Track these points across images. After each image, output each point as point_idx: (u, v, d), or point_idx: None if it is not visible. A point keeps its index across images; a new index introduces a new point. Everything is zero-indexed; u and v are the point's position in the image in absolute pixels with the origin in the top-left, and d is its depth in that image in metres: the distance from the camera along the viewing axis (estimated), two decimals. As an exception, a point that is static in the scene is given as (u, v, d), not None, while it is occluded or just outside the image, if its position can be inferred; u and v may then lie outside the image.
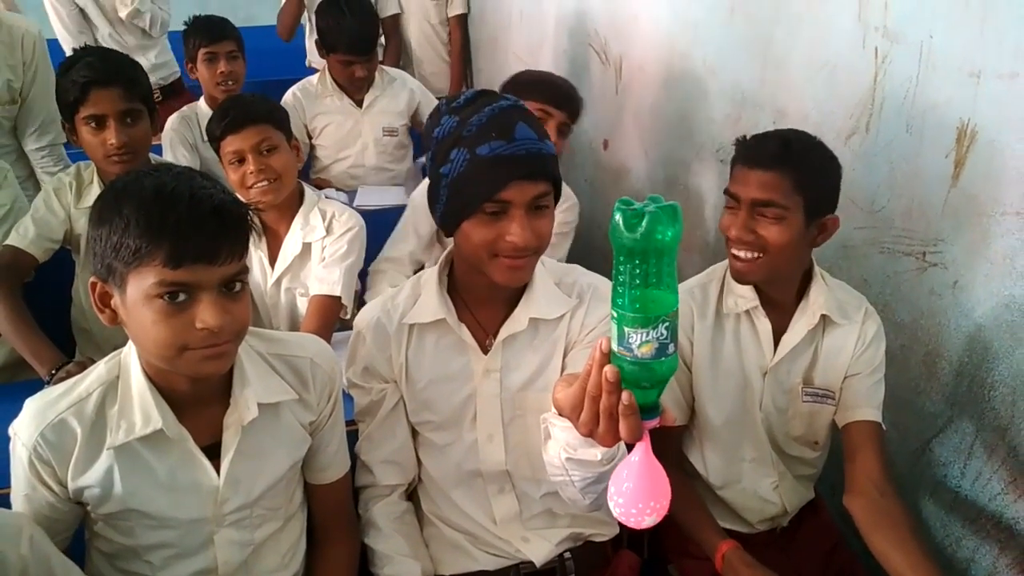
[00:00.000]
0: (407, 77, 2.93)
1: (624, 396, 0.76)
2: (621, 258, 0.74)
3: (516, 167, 1.08)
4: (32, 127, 2.29)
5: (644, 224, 0.71)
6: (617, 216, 0.73)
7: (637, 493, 0.78)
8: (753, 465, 1.47)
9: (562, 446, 0.96)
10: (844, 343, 1.40)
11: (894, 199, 1.51)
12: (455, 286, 1.27)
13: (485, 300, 1.25)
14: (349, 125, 2.75)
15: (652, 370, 0.75)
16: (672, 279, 0.74)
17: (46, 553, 1.02)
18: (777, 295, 1.41)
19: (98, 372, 1.09)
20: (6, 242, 1.80)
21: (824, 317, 1.39)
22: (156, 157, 2.00)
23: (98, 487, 1.06)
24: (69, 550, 1.11)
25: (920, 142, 1.43)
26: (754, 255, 1.32)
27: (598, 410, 0.79)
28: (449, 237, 1.19)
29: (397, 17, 3.59)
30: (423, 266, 2.06)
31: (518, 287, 1.22)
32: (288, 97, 2.70)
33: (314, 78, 2.77)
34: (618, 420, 0.78)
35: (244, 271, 1.01)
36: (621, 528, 1.39)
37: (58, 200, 1.85)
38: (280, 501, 1.21)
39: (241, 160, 1.75)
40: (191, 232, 0.94)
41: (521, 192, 1.09)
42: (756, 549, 1.35)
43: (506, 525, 1.32)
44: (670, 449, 1.47)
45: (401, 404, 1.30)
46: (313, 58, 3.65)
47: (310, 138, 2.77)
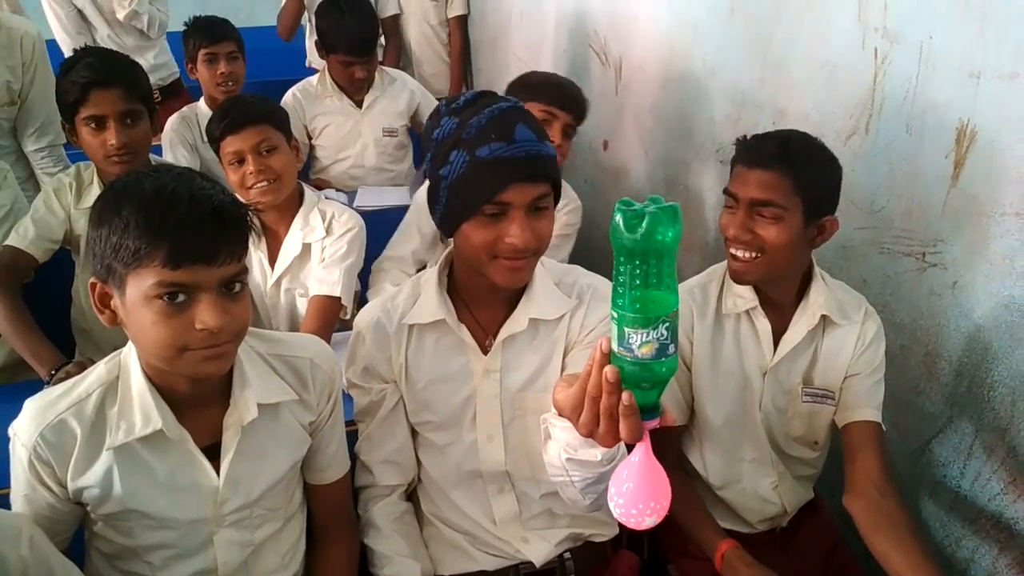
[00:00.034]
0: (407, 78, 2.93)
1: (624, 396, 0.76)
2: (621, 259, 0.74)
3: (516, 169, 1.08)
4: (31, 128, 2.29)
5: (644, 225, 0.71)
6: (617, 217, 0.73)
7: (637, 493, 0.78)
8: (753, 465, 1.47)
9: (562, 446, 0.96)
10: (844, 343, 1.40)
11: (894, 199, 1.51)
12: (455, 286, 1.27)
13: (485, 300, 1.25)
14: (349, 126, 2.75)
15: (652, 370, 0.75)
16: (672, 279, 0.74)
17: (46, 554, 1.01)
18: (776, 295, 1.41)
19: (98, 373, 1.09)
20: (6, 242, 1.80)
21: (824, 317, 1.39)
22: (156, 158, 2.00)
23: (98, 487, 1.06)
24: (69, 551, 1.11)
25: (920, 142, 1.43)
26: (752, 255, 1.32)
27: (598, 411, 0.79)
28: (448, 238, 1.19)
29: (397, 17, 3.60)
30: (426, 265, 2.06)
31: (518, 287, 1.22)
32: (288, 98, 2.70)
33: (314, 79, 2.77)
34: (618, 420, 0.78)
35: (244, 272, 1.01)
36: (621, 528, 1.39)
37: (58, 200, 1.85)
38: (280, 501, 1.21)
39: (241, 161, 1.75)
40: (190, 233, 0.94)
41: (521, 194, 1.09)
42: (756, 549, 1.35)
43: (506, 525, 1.32)
44: (670, 449, 1.47)
45: (401, 404, 1.30)
46: (313, 59, 3.66)
47: (310, 139, 2.77)
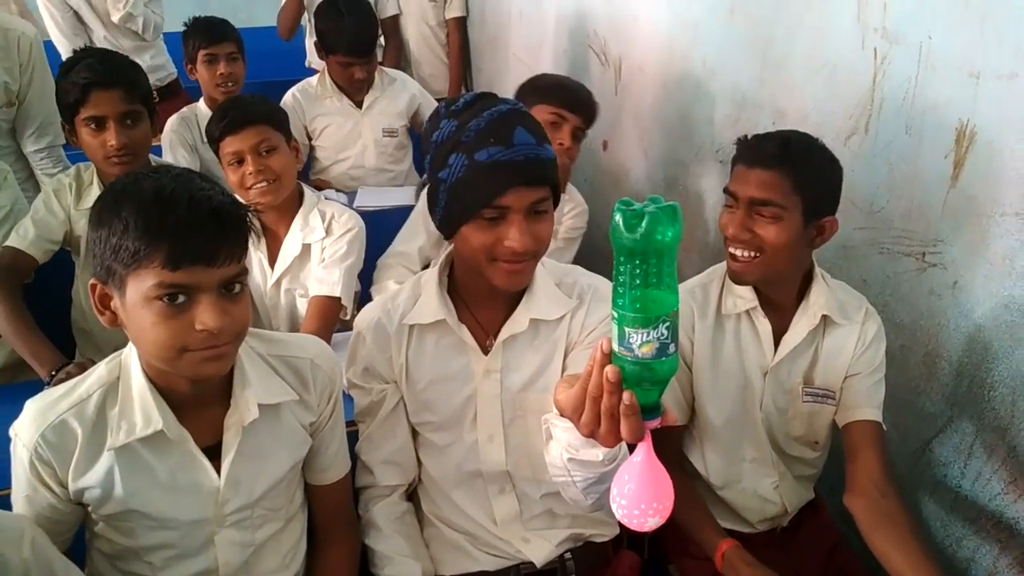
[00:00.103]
0: (407, 79, 2.93)
1: (625, 396, 0.76)
2: (621, 258, 0.74)
3: (514, 173, 1.08)
4: (30, 129, 2.29)
5: (644, 224, 0.72)
6: (617, 217, 0.73)
7: (639, 494, 0.78)
8: (753, 465, 1.48)
9: (564, 447, 0.96)
10: (844, 343, 1.40)
11: (893, 200, 1.51)
12: (455, 287, 1.27)
13: (485, 301, 1.25)
14: (349, 126, 2.75)
15: (653, 370, 0.75)
16: (672, 279, 0.74)
17: (48, 556, 1.01)
18: (776, 296, 1.41)
19: (98, 373, 1.09)
20: (6, 243, 1.80)
21: (825, 317, 1.39)
22: (156, 158, 2.00)
23: (99, 488, 1.07)
24: (70, 551, 1.11)
25: (919, 143, 1.44)
26: (751, 254, 1.32)
27: (599, 411, 0.79)
28: (448, 240, 1.20)
29: (396, 18, 3.60)
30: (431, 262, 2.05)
31: (518, 290, 1.22)
32: (288, 98, 2.70)
33: (314, 79, 2.77)
34: (619, 420, 0.78)
35: (243, 272, 1.02)
36: (621, 528, 1.39)
37: (58, 201, 1.85)
38: (281, 502, 1.21)
39: (240, 161, 1.75)
40: (190, 234, 0.94)
41: (519, 198, 1.09)
42: (756, 549, 1.35)
43: (506, 526, 1.32)
44: (671, 449, 1.47)
45: (401, 405, 1.30)
46: (313, 59, 3.66)
47: (310, 139, 2.77)
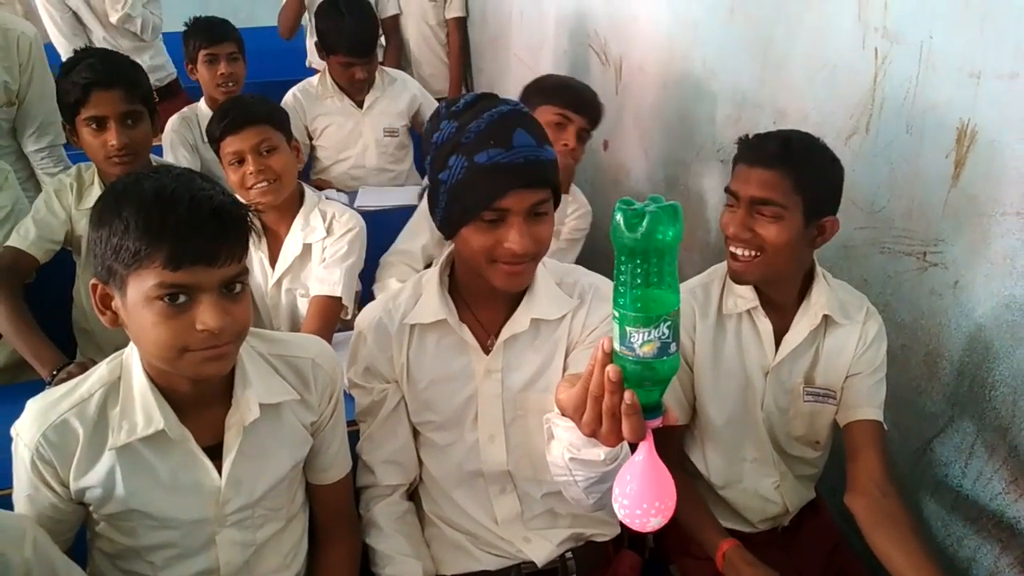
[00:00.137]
0: (408, 79, 2.93)
1: (627, 396, 0.76)
2: (622, 258, 0.74)
3: (514, 176, 1.08)
4: (31, 129, 2.29)
5: (645, 224, 0.72)
6: (618, 216, 0.73)
7: (641, 493, 0.78)
8: (754, 465, 1.47)
9: (565, 446, 0.96)
10: (845, 343, 1.40)
11: (894, 199, 1.51)
12: (456, 286, 1.27)
13: (486, 300, 1.25)
14: (350, 126, 2.75)
15: (654, 369, 0.75)
16: (673, 278, 0.74)
17: (50, 556, 1.01)
18: (777, 296, 1.41)
19: (100, 373, 1.09)
20: (7, 243, 1.80)
21: (826, 317, 1.39)
22: (157, 158, 2.00)
23: (100, 488, 1.07)
24: (71, 550, 1.11)
25: (920, 142, 1.43)
26: (751, 254, 1.32)
27: (601, 410, 0.79)
28: (448, 240, 1.20)
29: (397, 18, 3.60)
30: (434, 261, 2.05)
31: (518, 291, 1.22)
32: (288, 98, 2.70)
33: (314, 79, 2.77)
34: (621, 420, 0.78)
35: (244, 272, 1.02)
36: (622, 528, 1.39)
37: (59, 201, 1.85)
38: (282, 502, 1.21)
39: (241, 161, 1.75)
40: (190, 234, 0.94)
41: (519, 200, 1.09)
42: (757, 548, 1.35)
43: (508, 525, 1.32)
44: (672, 449, 1.47)
45: (402, 404, 1.30)
46: (313, 59, 3.66)
47: (311, 139, 2.77)
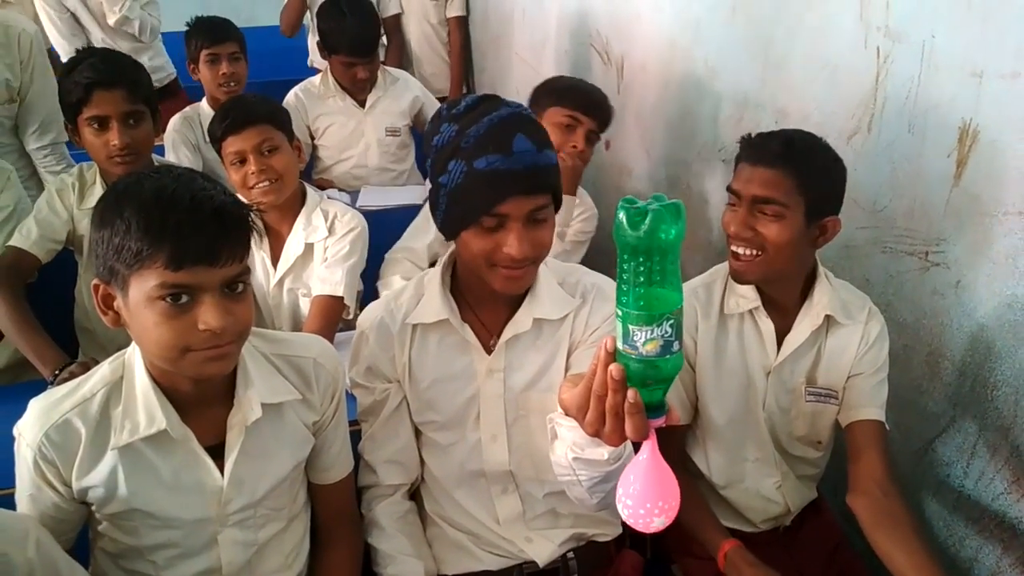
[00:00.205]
0: (409, 78, 2.93)
1: (630, 394, 0.76)
2: (625, 256, 0.74)
3: (513, 183, 1.08)
4: (33, 126, 2.29)
5: (647, 222, 0.72)
6: (621, 214, 0.73)
7: (645, 493, 0.78)
8: (756, 465, 1.47)
9: (569, 446, 0.96)
10: (848, 343, 1.40)
11: (896, 199, 1.51)
12: (458, 286, 1.27)
13: (488, 300, 1.25)
14: (352, 126, 2.75)
15: (657, 368, 0.75)
16: (676, 277, 0.74)
17: (53, 556, 1.01)
18: (779, 295, 1.41)
19: (102, 373, 1.10)
20: (9, 243, 1.80)
21: (828, 317, 1.38)
22: (159, 158, 2.00)
23: (102, 487, 1.07)
24: (73, 550, 1.11)
25: (922, 142, 1.43)
26: (753, 252, 1.32)
27: (604, 409, 0.79)
28: (449, 241, 1.20)
29: (398, 17, 3.60)
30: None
31: (517, 294, 1.22)
32: (290, 98, 2.70)
33: (316, 79, 2.77)
34: (624, 419, 0.77)
35: (246, 272, 1.02)
36: (624, 528, 1.39)
37: (61, 201, 1.85)
38: (284, 501, 1.21)
39: (242, 161, 1.76)
40: (192, 234, 0.94)
41: (518, 206, 1.09)
42: (759, 548, 1.35)
43: (509, 525, 1.32)
44: (673, 448, 1.47)
45: (404, 404, 1.30)
46: (315, 58, 3.66)
47: (312, 139, 2.77)
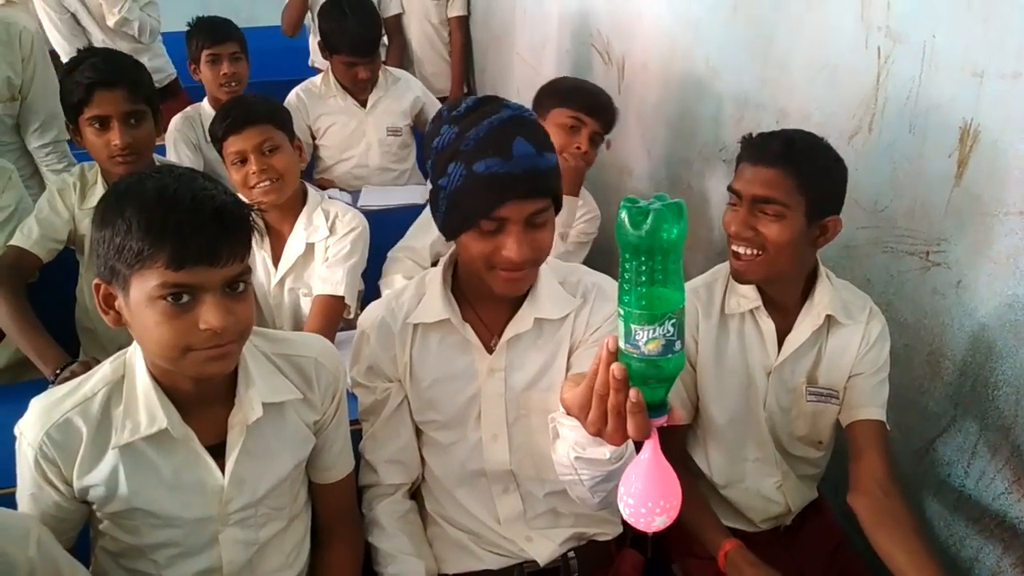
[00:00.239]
0: (411, 78, 2.93)
1: (632, 394, 0.76)
2: (627, 255, 0.74)
3: (512, 186, 1.07)
4: (34, 125, 2.29)
5: (649, 221, 0.72)
6: (623, 214, 0.73)
7: (647, 492, 0.78)
8: (757, 464, 1.47)
9: (571, 445, 0.96)
10: (848, 343, 1.40)
11: (897, 199, 1.51)
12: (459, 286, 1.27)
13: (489, 300, 1.25)
14: (353, 125, 2.75)
15: (659, 367, 0.75)
16: (678, 276, 0.74)
17: (54, 555, 1.02)
18: (779, 295, 1.41)
19: (103, 372, 1.10)
20: (10, 243, 1.80)
21: (829, 317, 1.38)
22: (160, 158, 2.00)
23: (103, 486, 1.07)
24: (74, 549, 1.11)
25: (923, 142, 1.43)
26: (753, 252, 1.33)
27: (606, 408, 0.79)
28: (450, 242, 1.20)
29: (399, 17, 3.60)
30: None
31: (517, 296, 1.23)
32: (292, 98, 2.70)
33: (317, 79, 2.77)
34: (626, 418, 0.77)
35: (247, 272, 1.02)
36: (625, 527, 1.39)
37: (62, 200, 1.85)
38: (285, 500, 1.21)
39: (243, 160, 1.76)
40: (193, 234, 0.94)
41: (517, 210, 1.09)
42: (759, 548, 1.35)
43: (510, 524, 1.32)
44: (674, 448, 1.47)
45: (405, 403, 1.30)
46: (316, 58, 3.65)
47: (313, 139, 2.77)
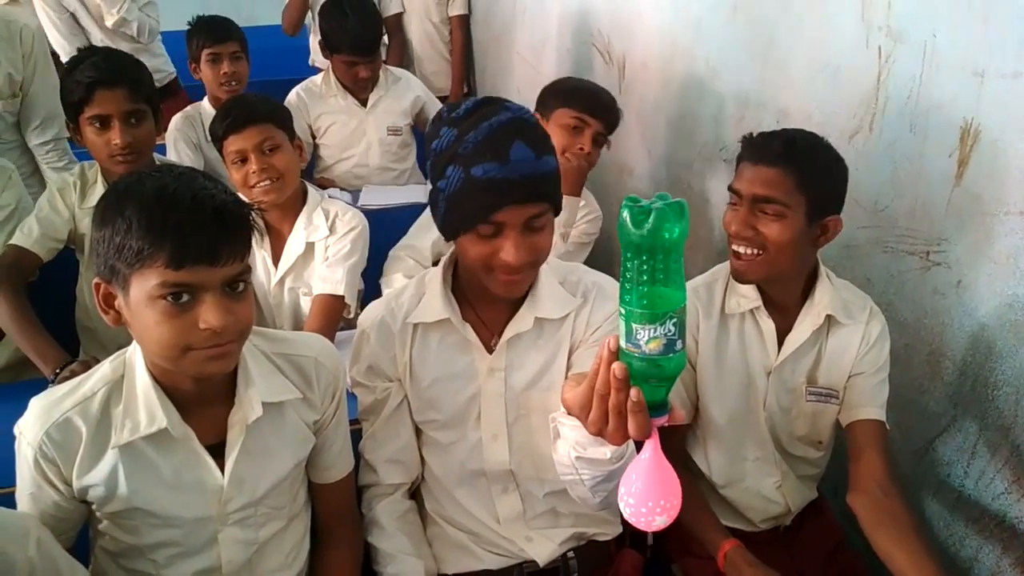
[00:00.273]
0: (411, 78, 2.93)
1: (633, 393, 0.76)
2: (628, 255, 0.74)
3: (509, 192, 1.07)
4: (35, 122, 2.29)
5: (651, 221, 0.72)
6: (624, 213, 0.73)
7: (647, 492, 0.78)
8: (756, 464, 1.47)
9: (572, 445, 0.96)
10: (848, 343, 1.40)
11: (897, 198, 1.51)
12: (459, 285, 1.27)
13: (489, 300, 1.25)
14: (353, 125, 2.75)
15: (660, 366, 0.75)
16: (679, 275, 0.74)
17: (53, 555, 1.02)
18: (780, 295, 1.40)
19: (103, 371, 1.10)
20: (10, 242, 1.80)
21: (829, 317, 1.38)
22: (160, 157, 2.00)
23: (103, 486, 1.07)
24: (73, 548, 1.11)
25: (923, 142, 1.43)
26: (754, 252, 1.32)
27: (607, 408, 0.79)
28: (450, 242, 1.20)
29: (400, 16, 3.60)
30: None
31: (515, 298, 1.23)
32: (292, 97, 2.70)
33: (318, 78, 2.77)
34: (627, 417, 0.77)
35: (247, 271, 1.02)
36: (624, 527, 1.39)
37: (62, 200, 1.85)
38: (284, 500, 1.21)
39: (244, 160, 1.76)
40: (192, 233, 0.94)
41: (514, 215, 1.09)
42: (759, 548, 1.35)
43: (510, 524, 1.32)
44: (674, 447, 1.47)
45: (405, 403, 1.30)
46: (316, 58, 3.66)
47: (314, 138, 2.77)
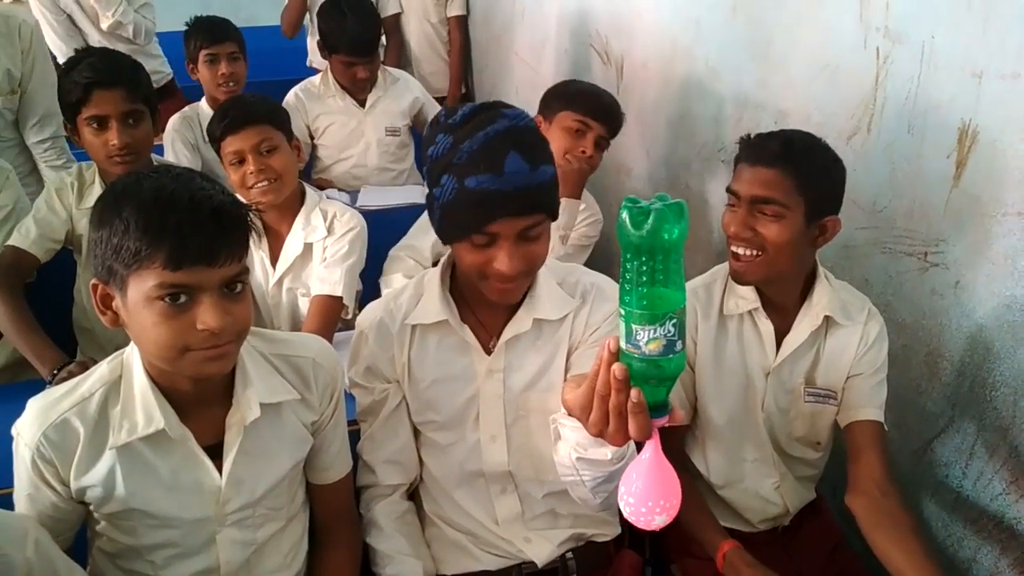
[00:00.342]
0: (410, 79, 2.93)
1: (633, 394, 0.76)
2: (628, 255, 0.74)
3: (503, 204, 1.07)
4: (33, 119, 2.29)
5: (651, 221, 0.72)
6: (624, 214, 0.73)
7: (647, 492, 0.78)
8: (755, 465, 1.47)
9: (572, 446, 0.96)
10: (847, 343, 1.40)
11: (896, 199, 1.51)
12: (458, 287, 1.27)
13: (487, 301, 1.24)
14: (352, 125, 2.75)
15: (660, 367, 0.75)
16: (679, 276, 0.74)
17: (51, 556, 1.01)
18: (778, 296, 1.41)
19: (100, 372, 1.09)
20: (8, 242, 1.80)
21: (827, 318, 1.38)
22: (158, 158, 2.00)
23: (100, 487, 1.06)
24: (71, 550, 1.11)
25: (922, 142, 1.43)
26: (753, 253, 1.32)
27: (607, 409, 0.79)
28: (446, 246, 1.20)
29: (398, 16, 3.60)
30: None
31: (510, 304, 1.23)
32: (290, 98, 2.70)
33: (316, 78, 2.77)
34: (627, 418, 0.78)
35: (244, 272, 1.01)
36: (623, 528, 1.39)
37: (60, 200, 1.85)
38: (282, 501, 1.21)
39: (241, 160, 1.75)
40: (190, 234, 0.94)
41: (508, 226, 1.09)
42: (757, 549, 1.35)
43: (508, 525, 1.32)
44: (673, 448, 1.47)
45: (403, 404, 1.30)
46: (314, 58, 3.66)
47: (312, 138, 2.77)
